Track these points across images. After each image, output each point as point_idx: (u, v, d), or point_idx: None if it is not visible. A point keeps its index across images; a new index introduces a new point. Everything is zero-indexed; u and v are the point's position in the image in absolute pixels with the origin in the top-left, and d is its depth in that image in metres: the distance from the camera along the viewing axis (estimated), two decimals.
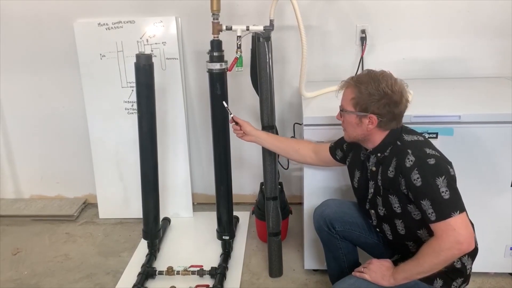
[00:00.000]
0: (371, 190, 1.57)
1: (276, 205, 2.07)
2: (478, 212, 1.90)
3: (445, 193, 1.33)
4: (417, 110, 1.84)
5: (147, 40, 2.44)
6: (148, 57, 2.05)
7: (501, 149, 1.81)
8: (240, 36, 1.88)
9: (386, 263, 1.50)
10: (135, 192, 2.46)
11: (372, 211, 1.61)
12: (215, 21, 1.93)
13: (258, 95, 2.02)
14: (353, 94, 1.45)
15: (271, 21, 1.89)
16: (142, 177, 2.19)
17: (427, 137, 1.81)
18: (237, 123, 1.89)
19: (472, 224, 1.46)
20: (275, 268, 2.15)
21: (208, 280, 2.10)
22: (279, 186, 2.18)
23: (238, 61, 1.90)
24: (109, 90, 2.53)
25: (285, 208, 2.35)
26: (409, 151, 1.41)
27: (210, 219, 2.50)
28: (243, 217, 2.65)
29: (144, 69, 2.05)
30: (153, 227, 2.27)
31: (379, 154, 1.50)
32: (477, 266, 2.01)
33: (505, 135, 1.78)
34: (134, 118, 2.18)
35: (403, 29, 2.37)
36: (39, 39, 2.56)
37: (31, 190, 2.97)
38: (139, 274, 2.12)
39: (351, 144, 1.63)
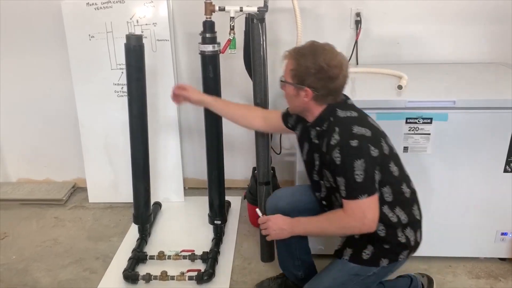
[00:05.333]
0: (317, 162, 1.58)
1: (268, 190, 2.05)
2: (470, 197, 1.93)
3: (359, 176, 1.36)
4: (412, 95, 1.84)
5: (137, 21, 2.38)
6: (139, 38, 2.00)
7: (495, 135, 1.81)
8: (233, 17, 1.84)
9: (279, 217, 1.59)
10: (125, 176, 2.42)
11: (322, 182, 1.60)
12: (208, 1, 1.88)
13: (251, 78, 1.98)
14: (292, 66, 1.45)
15: (265, 2, 1.84)
16: (133, 161, 2.16)
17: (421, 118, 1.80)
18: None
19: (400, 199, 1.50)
20: (267, 253, 2.14)
21: (200, 265, 2.09)
22: (272, 171, 2.17)
23: (231, 43, 1.86)
24: (98, 72, 2.47)
25: None
26: (337, 129, 1.42)
27: (201, 204, 2.48)
28: (235, 202, 2.64)
29: (135, 51, 1.99)
30: (144, 212, 2.24)
31: (318, 128, 1.52)
32: (468, 251, 2.05)
33: (499, 120, 1.78)
34: (124, 101, 2.13)
35: (398, 13, 2.35)
36: (26, 19, 2.48)
37: (19, 173, 2.92)
38: (130, 259, 2.10)
39: (300, 116, 1.62)
